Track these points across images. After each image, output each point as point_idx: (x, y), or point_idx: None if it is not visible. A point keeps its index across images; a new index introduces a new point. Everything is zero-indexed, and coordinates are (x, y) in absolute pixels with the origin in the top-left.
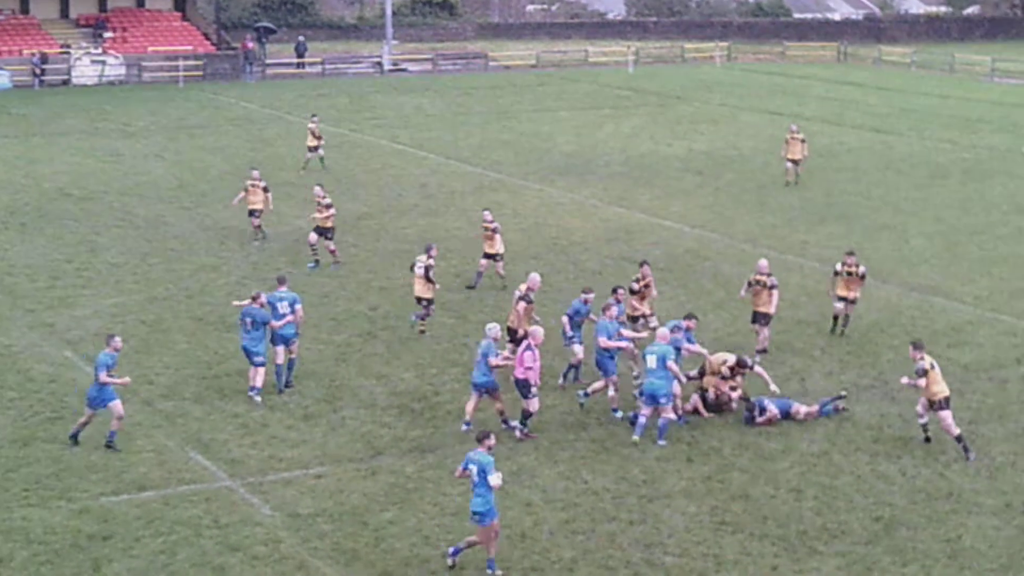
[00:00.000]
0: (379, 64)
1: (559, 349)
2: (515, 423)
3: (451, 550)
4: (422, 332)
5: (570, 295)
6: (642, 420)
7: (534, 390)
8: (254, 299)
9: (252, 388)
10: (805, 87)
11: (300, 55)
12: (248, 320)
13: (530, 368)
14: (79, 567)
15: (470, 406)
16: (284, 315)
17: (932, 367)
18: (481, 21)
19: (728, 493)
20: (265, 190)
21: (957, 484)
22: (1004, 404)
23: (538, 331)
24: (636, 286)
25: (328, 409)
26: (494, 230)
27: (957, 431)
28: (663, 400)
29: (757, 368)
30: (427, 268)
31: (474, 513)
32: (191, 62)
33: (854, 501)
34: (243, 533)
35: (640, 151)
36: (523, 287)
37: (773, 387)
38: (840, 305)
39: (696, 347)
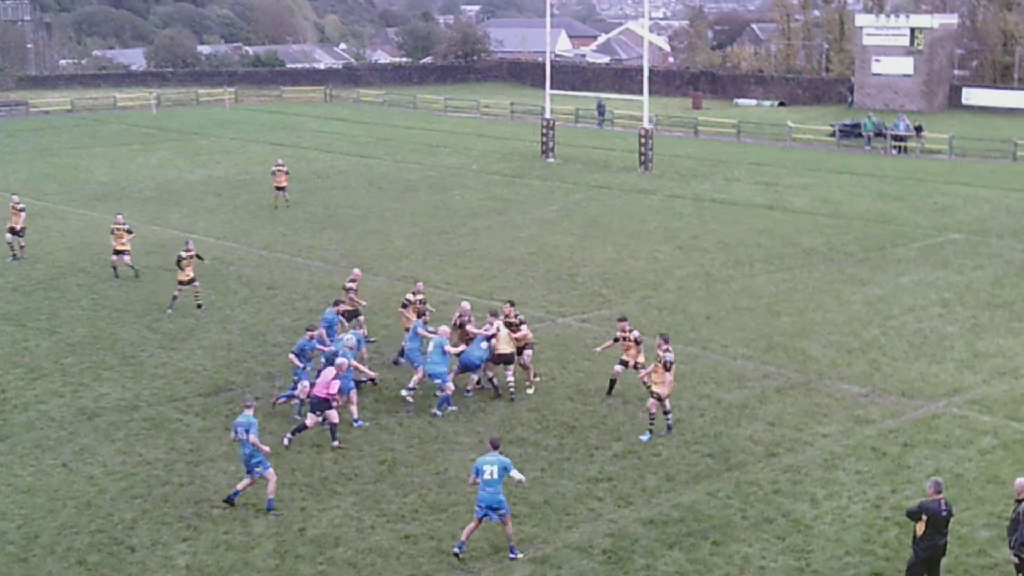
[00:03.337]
0: None
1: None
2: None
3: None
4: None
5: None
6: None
7: (334, 407)
8: None
9: None
10: (300, 123)
11: None
12: None
13: (333, 394)
14: None
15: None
16: None
17: (499, 330)
18: (20, 74)
19: None
20: (22, 211)
21: (443, 429)
22: None
23: (344, 363)
24: (618, 335)
25: None
26: (128, 230)
27: (510, 380)
28: (438, 380)
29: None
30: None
31: (494, 508)
32: None
33: (363, 450)
34: None
35: (168, 178)
36: (455, 315)
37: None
38: (619, 368)
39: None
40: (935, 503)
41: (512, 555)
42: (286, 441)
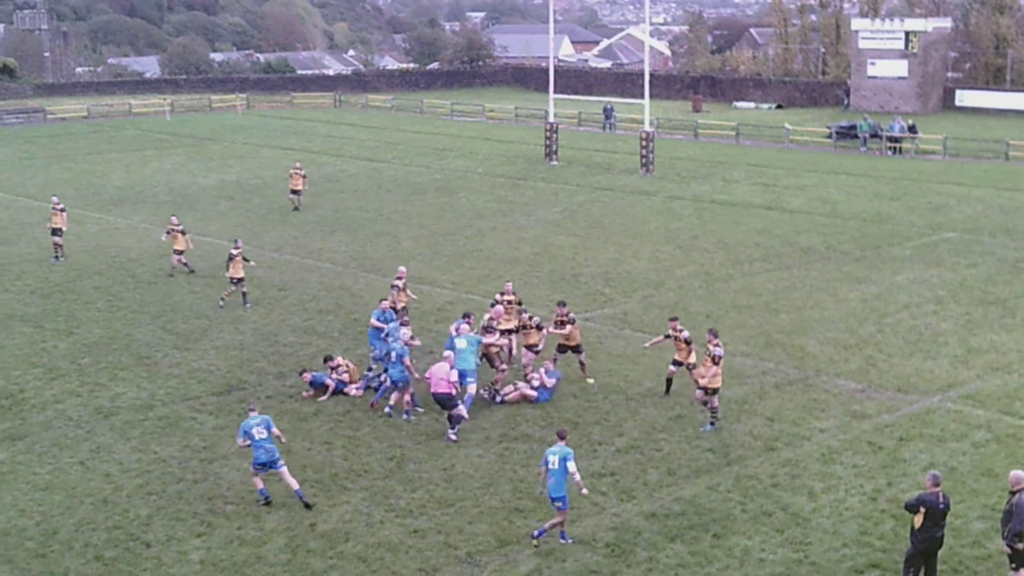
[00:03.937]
0: None
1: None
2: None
3: (535, 532)
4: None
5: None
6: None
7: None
8: None
9: None
10: (311, 128)
11: None
12: None
13: (453, 382)
14: None
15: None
16: None
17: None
18: (37, 82)
19: None
20: (62, 211)
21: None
22: None
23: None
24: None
25: None
26: (182, 231)
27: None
28: (470, 379)
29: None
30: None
31: (553, 498)
32: None
33: (373, 447)
34: None
35: (182, 183)
36: (486, 317)
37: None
38: (673, 368)
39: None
40: (933, 496)
41: (536, 535)
42: (454, 436)
